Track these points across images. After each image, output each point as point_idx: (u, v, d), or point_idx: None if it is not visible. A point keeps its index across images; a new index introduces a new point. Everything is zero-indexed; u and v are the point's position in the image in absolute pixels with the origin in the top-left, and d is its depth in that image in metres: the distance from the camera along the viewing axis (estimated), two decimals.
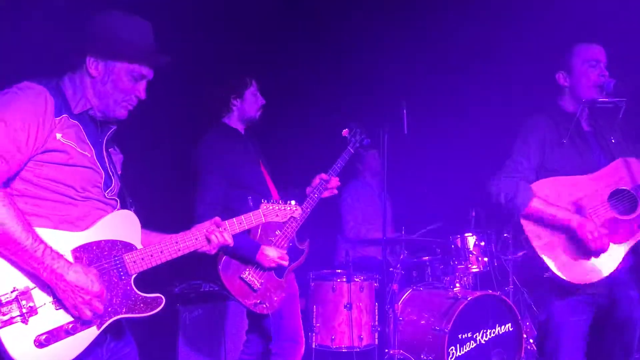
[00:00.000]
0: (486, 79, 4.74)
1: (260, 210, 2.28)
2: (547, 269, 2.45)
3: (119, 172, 2.13)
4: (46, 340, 1.68)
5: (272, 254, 2.96)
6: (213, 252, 2.13)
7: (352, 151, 3.35)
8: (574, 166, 2.55)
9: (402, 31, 4.96)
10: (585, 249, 2.45)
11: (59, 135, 1.80)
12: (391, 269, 4.10)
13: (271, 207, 2.30)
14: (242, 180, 3.06)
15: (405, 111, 3.58)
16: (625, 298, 2.53)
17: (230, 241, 2.12)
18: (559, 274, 2.44)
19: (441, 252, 4.48)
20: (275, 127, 3.42)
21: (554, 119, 2.63)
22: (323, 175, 3.24)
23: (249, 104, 3.19)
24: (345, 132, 3.41)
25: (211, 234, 2.08)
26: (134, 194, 2.13)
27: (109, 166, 2.00)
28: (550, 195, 2.49)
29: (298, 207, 2.38)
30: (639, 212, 2.50)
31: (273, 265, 2.97)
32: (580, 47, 2.61)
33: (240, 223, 2.19)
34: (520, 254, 2.46)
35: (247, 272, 2.96)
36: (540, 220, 2.49)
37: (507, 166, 2.57)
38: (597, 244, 2.41)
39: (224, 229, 2.12)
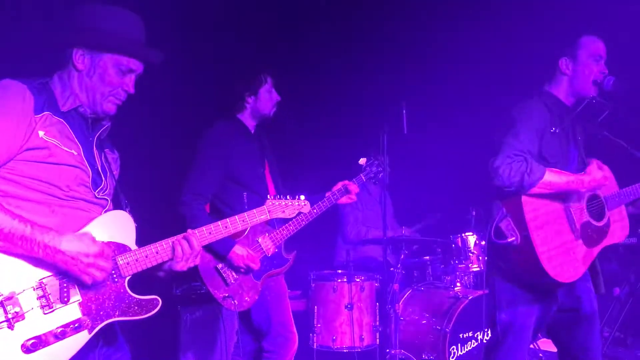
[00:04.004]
0: (486, 77, 4.75)
1: (265, 206, 2.15)
2: (536, 260, 2.38)
3: (115, 171, 2.07)
4: (33, 345, 1.64)
5: (241, 252, 2.91)
6: (178, 268, 1.96)
7: (364, 180, 3.38)
8: (557, 157, 2.55)
9: (402, 31, 4.96)
10: (566, 244, 2.45)
11: (41, 133, 1.76)
12: (392, 269, 4.10)
13: (277, 203, 2.18)
14: (239, 176, 3.05)
15: (404, 111, 3.59)
16: (585, 292, 2.60)
17: (196, 262, 1.97)
18: (544, 266, 2.38)
19: (442, 251, 4.49)
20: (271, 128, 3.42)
21: (547, 105, 2.59)
22: (346, 182, 3.26)
23: (263, 102, 3.17)
24: (362, 160, 3.43)
25: (178, 246, 1.94)
26: (132, 193, 2.09)
27: (100, 165, 1.94)
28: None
29: (307, 203, 2.26)
30: (605, 220, 2.59)
31: (242, 265, 2.91)
32: (588, 40, 2.60)
33: (243, 220, 2.08)
34: (510, 239, 2.38)
35: (223, 264, 2.93)
36: (548, 194, 2.44)
37: (511, 145, 2.43)
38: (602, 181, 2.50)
39: (196, 238, 1.98)
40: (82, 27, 1.88)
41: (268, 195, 2.21)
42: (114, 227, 1.88)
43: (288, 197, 2.21)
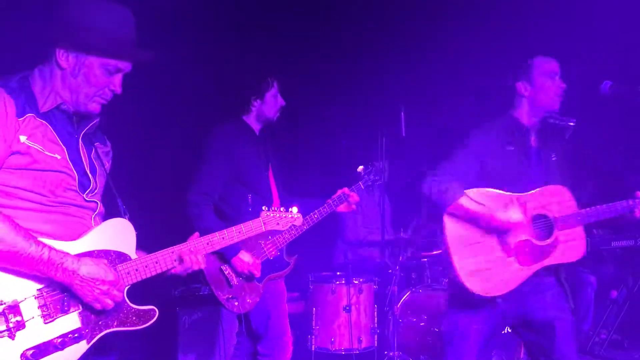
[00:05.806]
0: (484, 80, 4.75)
1: (260, 218, 2.20)
2: (456, 273, 2.50)
3: (107, 164, 1.98)
4: (33, 355, 1.63)
5: (247, 259, 2.94)
6: (183, 274, 1.99)
7: (363, 187, 3.41)
8: (510, 177, 2.62)
9: (400, 34, 4.97)
10: (493, 262, 2.52)
11: (23, 138, 1.67)
12: (390, 271, 4.10)
13: (272, 215, 2.22)
14: (245, 178, 3.06)
15: (403, 114, 3.60)
16: (536, 302, 2.60)
17: (203, 265, 1.99)
18: (462, 281, 2.49)
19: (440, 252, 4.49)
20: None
21: (504, 128, 2.70)
22: (346, 190, 3.28)
23: (268, 106, 3.18)
24: (360, 168, 3.48)
25: (185, 255, 1.94)
26: (132, 196, 2.06)
27: (89, 164, 1.86)
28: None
29: (299, 216, 2.31)
30: (551, 241, 2.57)
31: (245, 271, 2.94)
32: (539, 60, 2.69)
33: (240, 232, 2.10)
34: (436, 252, 2.57)
35: (227, 266, 2.96)
36: (463, 218, 2.55)
37: (444, 167, 2.62)
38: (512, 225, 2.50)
39: (196, 249, 1.98)
40: (68, 24, 1.74)
41: (263, 207, 2.25)
42: (115, 235, 1.86)
43: (282, 209, 2.26)
